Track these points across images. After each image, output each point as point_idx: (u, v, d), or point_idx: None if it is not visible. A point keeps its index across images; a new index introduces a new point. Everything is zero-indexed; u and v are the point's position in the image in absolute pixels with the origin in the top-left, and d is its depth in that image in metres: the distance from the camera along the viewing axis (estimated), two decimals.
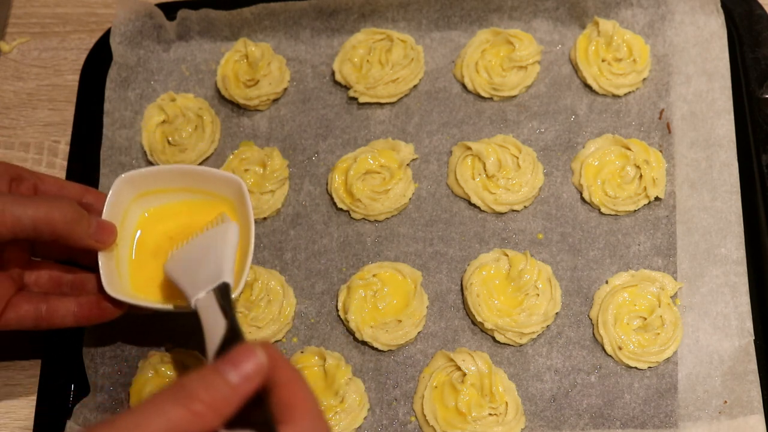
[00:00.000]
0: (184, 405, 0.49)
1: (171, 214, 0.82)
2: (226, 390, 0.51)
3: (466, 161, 0.91)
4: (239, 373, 0.51)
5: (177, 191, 0.83)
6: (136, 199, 0.82)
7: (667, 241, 0.87)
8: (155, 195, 0.83)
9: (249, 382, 0.51)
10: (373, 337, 0.84)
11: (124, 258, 0.81)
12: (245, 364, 0.52)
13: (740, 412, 0.80)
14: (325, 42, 0.99)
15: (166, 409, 0.49)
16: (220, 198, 0.82)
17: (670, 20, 0.95)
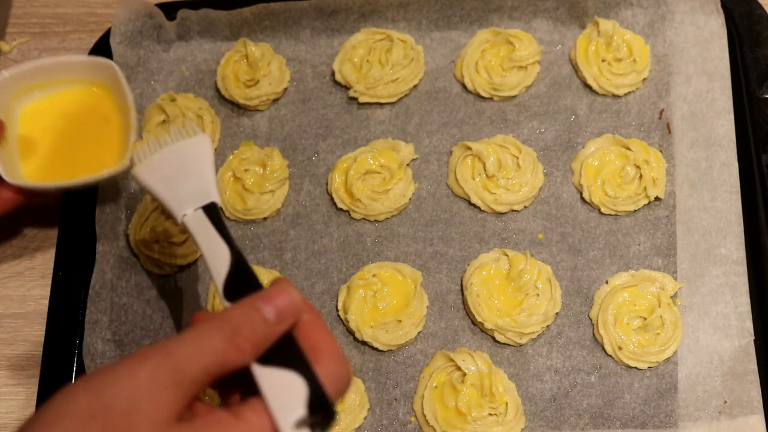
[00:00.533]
0: (230, 339, 0.52)
1: (53, 104, 0.87)
2: (266, 328, 0.53)
3: (466, 161, 0.91)
4: (277, 310, 0.54)
5: (54, 83, 0.87)
6: (17, 96, 0.86)
7: (667, 241, 0.87)
8: (33, 91, 0.87)
9: (285, 320, 0.54)
10: (373, 337, 0.84)
11: (14, 152, 0.85)
12: (281, 301, 0.54)
13: (740, 412, 0.80)
14: (325, 42, 0.99)
15: (215, 343, 0.52)
16: (96, 84, 0.87)
17: (670, 20, 0.95)
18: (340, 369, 0.55)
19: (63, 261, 0.91)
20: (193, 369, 0.51)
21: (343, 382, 0.55)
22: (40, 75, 0.87)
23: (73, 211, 0.93)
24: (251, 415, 0.52)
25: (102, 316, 0.88)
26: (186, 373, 0.51)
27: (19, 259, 0.94)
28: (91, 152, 0.87)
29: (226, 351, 0.52)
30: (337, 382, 0.54)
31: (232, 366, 0.52)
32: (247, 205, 0.91)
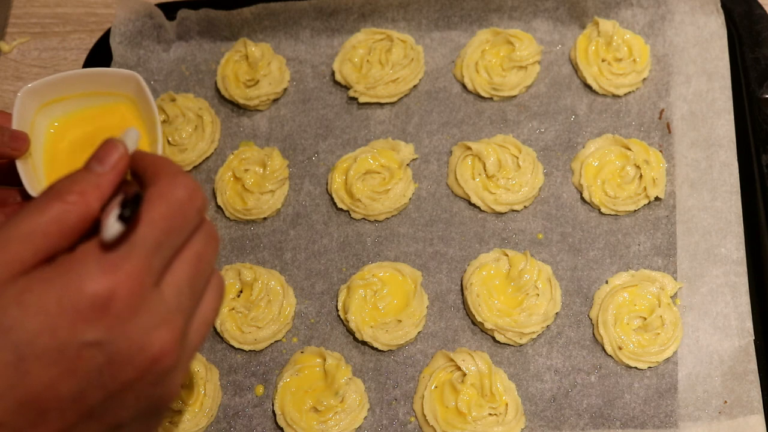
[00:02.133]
0: (56, 199, 0.52)
1: (77, 120, 0.85)
2: (95, 179, 0.54)
3: (466, 161, 0.91)
4: (103, 162, 0.55)
5: (79, 97, 0.86)
6: (41, 109, 0.85)
7: (667, 241, 0.87)
8: (58, 104, 0.85)
9: (114, 167, 0.55)
10: (373, 337, 0.84)
11: (39, 166, 0.84)
12: (107, 154, 0.56)
13: (740, 412, 0.80)
14: (325, 42, 0.99)
15: (42, 206, 0.52)
16: (122, 96, 0.85)
17: (670, 20, 0.95)
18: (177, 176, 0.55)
19: None
20: (18, 230, 0.51)
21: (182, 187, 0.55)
22: (62, 88, 0.85)
23: None
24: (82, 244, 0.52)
25: None
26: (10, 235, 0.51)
27: None
28: None
29: (54, 209, 0.52)
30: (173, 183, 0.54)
31: (71, 222, 0.52)
32: (247, 205, 0.91)
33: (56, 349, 0.49)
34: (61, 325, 0.49)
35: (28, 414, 0.50)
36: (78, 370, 0.50)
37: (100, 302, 0.50)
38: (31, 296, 0.49)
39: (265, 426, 0.84)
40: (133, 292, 0.51)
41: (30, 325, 0.49)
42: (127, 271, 0.51)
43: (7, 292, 0.50)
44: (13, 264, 0.50)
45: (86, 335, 0.50)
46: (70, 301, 0.49)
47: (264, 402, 0.85)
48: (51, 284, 0.50)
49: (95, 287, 0.50)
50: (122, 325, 0.50)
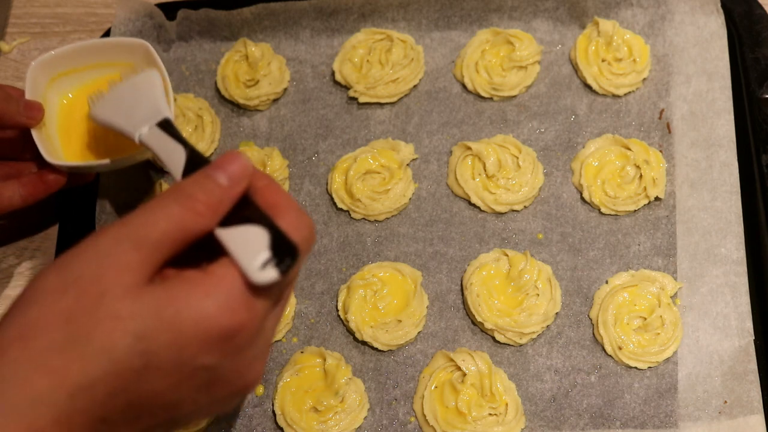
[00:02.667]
0: (185, 205, 0.54)
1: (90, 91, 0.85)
2: (220, 191, 0.55)
3: (466, 161, 0.91)
4: (228, 175, 0.56)
5: (89, 68, 0.87)
6: (51, 83, 0.86)
7: (667, 241, 0.87)
8: (69, 76, 0.87)
9: (238, 183, 0.56)
10: (373, 337, 0.84)
11: (54, 136, 0.85)
12: (232, 167, 0.56)
13: (740, 412, 0.80)
14: (325, 42, 0.99)
15: (171, 210, 0.53)
16: (131, 66, 0.86)
17: (670, 20, 0.95)
18: (301, 218, 0.57)
19: None
20: (151, 233, 0.53)
21: (307, 230, 0.57)
22: (72, 60, 0.86)
23: (73, 211, 0.93)
24: (218, 268, 0.54)
25: None
26: (145, 237, 0.53)
27: (19, 259, 0.94)
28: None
29: (183, 216, 0.53)
30: (301, 229, 0.56)
31: (192, 231, 0.54)
32: None
33: (177, 365, 0.53)
34: (189, 346, 0.52)
35: (130, 413, 0.53)
36: (184, 385, 0.54)
37: (227, 335, 0.53)
38: (170, 311, 0.52)
39: (265, 426, 0.84)
40: (255, 328, 0.55)
41: (163, 338, 0.51)
42: (258, 310, 0.54)
43: (144, 301, 0.52)
44: (149, 267, 0.53)
45: (205, 360, 0.53)
46: (204, 326, 0.52)
47: (264, 402, 0.85)
48: (190, 304, 0.52)
49: (229, 322, 0.53)
50: (236, 355, 0.54)
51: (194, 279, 0.53)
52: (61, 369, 0.50)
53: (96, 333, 0.50)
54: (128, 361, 0.51)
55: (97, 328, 0.51)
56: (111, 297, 0.51)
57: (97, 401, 0.51)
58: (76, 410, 0.50)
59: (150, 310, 0.51)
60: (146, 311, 0.51)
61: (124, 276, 0.52)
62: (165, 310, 0.52)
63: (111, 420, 0.52)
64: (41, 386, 0.50)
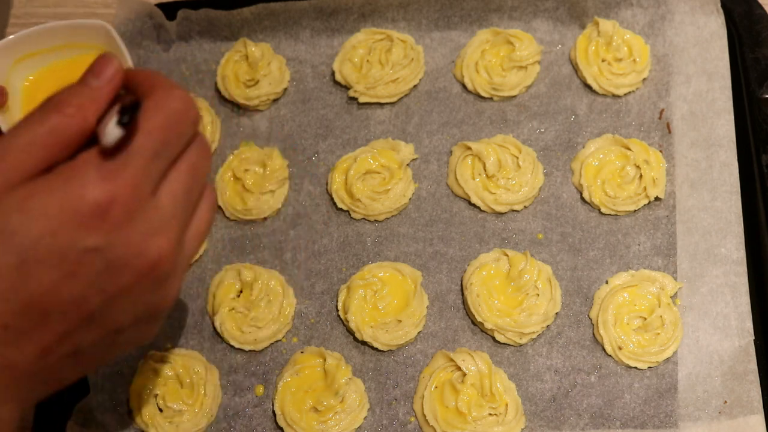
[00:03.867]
0: (54, 111, 0.54)
1: (51, 72, 0.87)
2: (90, 92, 0.56)
3: (466, 161, 0.91)
4: (99, 76, 0.56)
5: (51, 51, 0.88)
6: (14, 66, 0.87)
7: (667, 241, 0.87)
8: (32, 59, 0.87)
9: (110, 81, 0.56)
10: (373, 337, 0.84)
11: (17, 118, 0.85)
12: (103, 68, 0.57)
13: (740, 412, 0.80)
14: (325, 42, 0.99)
15: (40, 118, 0.54)
16: (94, 48, 0.87)
17: (670, 20, 0.95)
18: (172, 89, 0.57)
19: None
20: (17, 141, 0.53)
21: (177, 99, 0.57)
22: (34, 42, 0.87)
23: None
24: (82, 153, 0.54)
25: None
26: (9, 145, 0.53)
27: None
28: None
29: (52, 121, 0.53)
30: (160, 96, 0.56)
31: (66, 132, 0.54)
32: (247, 205, 0.91)
33: (57, 253, 0.51)
34: (62, 230, 0.51)
35: (31, 316, 0.52)
36: (78, 275, 0.52)
37: (99, 208, 0.52)
38: (33, 202, 0.51)
39: (265, 426, 0.84)
40: (131, 199, 0.53)
41: (32, 230, 0.51)
42: (125, 178, 0.53)
43: (9, 199, 0.51)
44: (13, 172, 0.52)
45: (86, 241, 0.52)
46: (71, 207, 0.51)
47: (264, 402, 0.85)
48: (52, 191, 0.51)
49: (95, 194, 0.52)
50: (121, 231, 0.53)
51: (59, 169, 0.53)
52: None
53: None
54: (4, 259, 0.51)
55: None
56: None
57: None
58: None
59: (15, 205, 0.51)
60: (11, 207, 0.51)
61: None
62: (29, 203, 0.51)
63: (14, 325, 0.52)
64: None
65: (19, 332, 0.52)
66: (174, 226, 0.56)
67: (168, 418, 0.83)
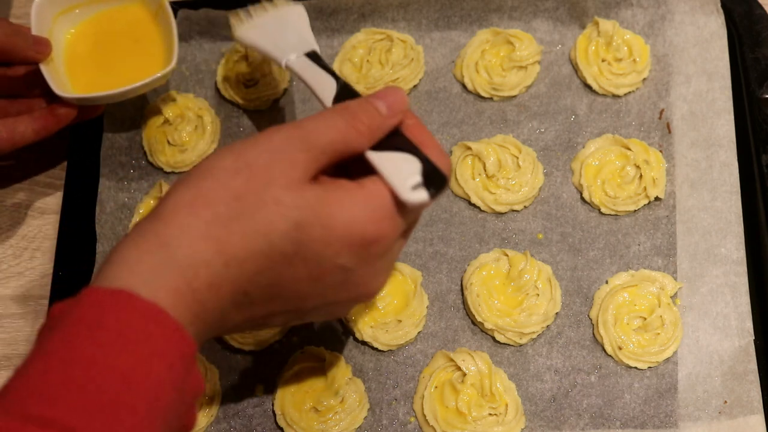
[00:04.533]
0: (349, 122, 0.60)
1: (92, 24, 0.90)
2: (379, 117, 0.61)
3: (466, 161, 0.91)
4: (388, 105, 0.62)
5: (91, 3, 0.90)
6: (57, 18, 0.89)
7: (667, 241, 0.87)
8: (72, 12, 0.90)
9: (395, 114, 0.62)
10: (373, 337, 0.84)
11: (61, 70, 0.88)
12: (392, 99, 0.63)
13: (740, 412, 0.80)
14: (325, 42, 0.99)
15: (337, 123, 0.60)
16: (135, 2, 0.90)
17: (670, 20, 0.95)
18: (444, 155, 0.63)
19: (63, 261, 0.91)
20: (320, 139, 0.59)
21: (449, 166, 0.64)
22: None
23: (73, 211, 0.93)
24: (371, 183, 0.60)
25: None
26: (313, 141, 0.59)
27: (19, 259, 0.94)
28: (136, 64, 0.89)
29: (347, 130, 0.60)
30: (445, 165, 0.62)
31: (351, 146, 0.60)
32: None
33: (320, 258, 0.58)
34: (334, 243, 0.58)
35: (267, 294, 0.59)
36: (319, 281, 0.60)
37: (368, 241, 0.59)
38: (326, 210, 0.58)
39: (265, 426, 0.84)
40: (390, 243, 0.61)
41: (315, 232, 0.57)
42: (398, 225, 0.61)
43: (306, 195, 0.58)
44: (313, 169, 0.59)
45: (344, 260, 0.59)
46: (352, 230, 0.58)
47: (264, 402, 0.85)
48: (343, 208, 0.58)
49: (374, 230, 0.59)
50: (369, 262, 0.61)
51: (349, 187, 0.59)
52: (222, 239, 0.55)
53: (259, 214, 0.56)
54: (281, 245, 0.57)
55: (261, 210, 0.56)
56: (277, 185, 0.57)
57: (246, 275, 0.57)
58: (227, 278, 0.56)
59: (309, 204, 0.57)
60: (306, 204, 0.57)
61: (291, 170, 0.57)
62: (321, 208, 0.57)
63: (252, 295, 0.58)
64: (203, 251, 0.55)
65: (250, 301, 0.59)
66: (391, 270, 0.66)
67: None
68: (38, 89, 0.87)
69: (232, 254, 0.56)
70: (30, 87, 0.88)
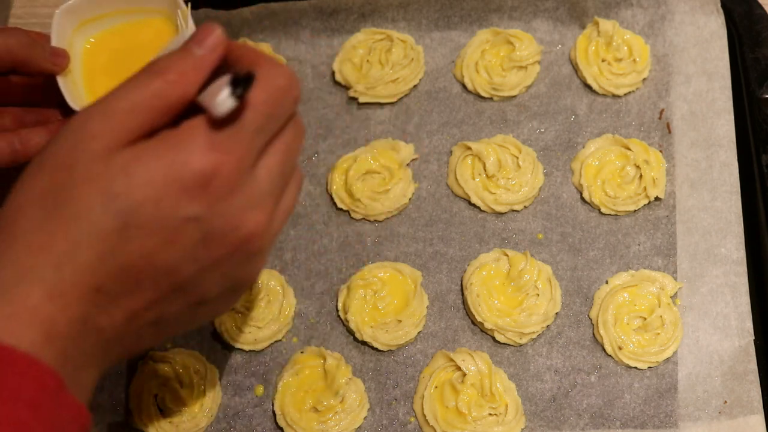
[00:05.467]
0: (157, 76, 0.54)
1: (112, 36, 0.87)
2: (193, 61, 0.55)
3: (466, 161, 0.91)
4: (202, 45, 0.56)
5: (114, 15, 0.87)
6: (78, 29, 0.86)
7: (667, 241, 0.87)
8: (93, 23, 0.87)
9: (212, 49, 0.56)
10: (373, 337, 0.84)
11: (79, 83, 0.85)
12: (207, 37, 0.56)
13: (740, 412, 0.80)
14: (325, 42, 0.99)
15: (140, 81, 0.54)
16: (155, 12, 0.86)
17: (670, 20, 0.95)
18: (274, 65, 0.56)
19: None
20: (120, 102, 0.53)
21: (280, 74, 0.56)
22: (98, 6, 0.87)
23: None
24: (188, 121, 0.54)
25: None
26: (114, 107, 0.53)
27: None
28: None
29: (154, 84, 0.53)
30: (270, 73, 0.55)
31: (168, 97, 0.54)
32: None
33: (158, 220, 0.52)
34: (165, 198, 0.51)
35: (125, 281, 0.52)
36: (176, 243, 0.53)
37: (204, 179, 0.52)
38: (139, 167, 0.51)
39: (265, 426, 0.84)
40: (234, 172, 0.53)
41: (136, 194, 0.51)
42: (232, 151, 0.53)
43: (114, 161, 0.52)
44: (119, 134, 0.52)
45: (188, 210, 0.52)
46: (176, 175, 0.51)
47: (264, 402, 0.85)
48: (158, 157, 0.52)
49: (201, 164, 0.52)
50: (221, 202, 0.53)
51: (163, 135, 0.53)
52: (43, 243, 0.51)
53: (70, 201, 0.51)
54: (105, 222, 0.51)
55: (71, 196, 0.51)
56: (81, 165, 0.51)
57: (85, 268, 0.51)
58: (64, 281, 0.50)
59: (120, 169, 0.51)
60: (116, 171, 0.51)
61: (94, 144, 0.52)
62: (134, 167, 0.51)
63: (107, 288, 0.52)
64: (26, 264, 0.50)
65: (111, 296, 0.53)
66: (269, 203, 0.56)
67: (168, 418, 0.83)
68: (54, 99, 0.85)
69: (58, 254, 0.51)
70: (46, 97, 0.86)
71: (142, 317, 0.55)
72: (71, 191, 0.51)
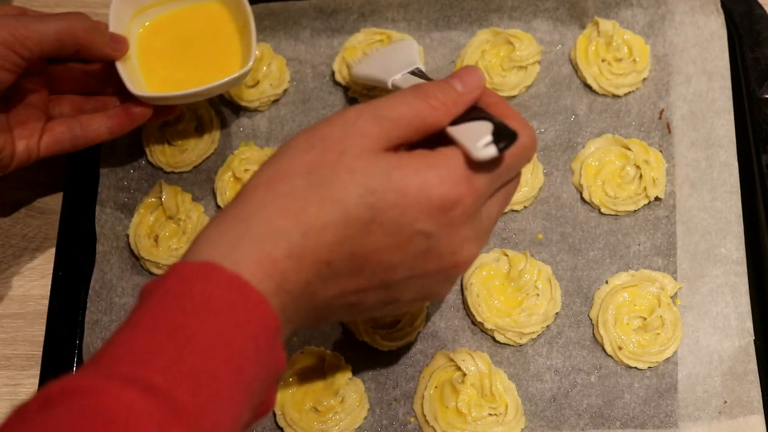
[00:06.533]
0: (422, 99, 0.61)
1: (167, 21, 0.89)
2: (455, 94, 0.63)
3: None
4: (465, 84, 0.63)
5: (167, 1, 0.89)
6: (135, 15, 0.88)
7: (667, 241, 0.87)
8: (150, 9, 0.89)
9: (471, 91, 0.64)
10: (373, 337, 0.84)
11: (136, 68, 0.87)
12: (468, 78, 0.64)
13: (740, 412, 0.80)
14: (325, 42, 0.99)
15: (408, 100, 0.61)
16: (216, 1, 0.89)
17: (670, 20, 0.95)
18: (525, 124, 0.64)
19: (63, 261, 0.91)
20: (390, 112, 0.60)
21: (529, 130, 0.64)
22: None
23: (73, 211, 0.93)
24: (445, 149, 0.61)
25: (102, 316, 0.88)
26: (384, 114, 0.60)
27: (19, 259, 0.94)
28: (212, 64, 0.88)
29: (419, 106, 0.61)
30: (523, 127, 0.63)
31: (426, 121, 0.61)
32: None
33: (398, 225, 0.59)
34: (410, 208, 0.59)
35: (351, 264, 0.59)
36: (403, 248, 0.60)
37: (446, 204, 0.59)
38: (398, 174, 0.59)
39: (265, 426, 0.84)
40: (470, 207, 0.61)
41: (389, 197, 0.58)
42: (476, 188, 0.61)
43: (377, 162, 0.59)
44: (382, 140, 0.60)
45: (424, 225, 0.59)
46: (426, 192, 0.59)
47: None
48: (416, 171, 0.59)
49: (450, 192, 0.59)
50: (451, 228, 0.60)
51: (422, 154, 0.60)
52: (298, 211, 0.57)
53: (333, 183, 0.58)
54: (357, 212, 0.58)
55: (334, 179, 0.58)
56: (349, 155, 0.58)
57: (326, 244, 0.57)
58: (307, 248, 0.57)
59: (381, 170, 0.58)
60: (378, 171, 0.58)
61: (362, 140, 0.59)
62: (394, 173, 0.58)
63: (335, 265, 0.59)
64: (280, 223, 0.57)
65: (335, 273, 0.59)
66: (483, 240, 0.64)
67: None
68: (112, 86, 0.86)
69: (309, 224, 0.57)
70: (104, 84, 0.87)
71: (346, 298, 0.61)
72: (335, 175, 0.58)
